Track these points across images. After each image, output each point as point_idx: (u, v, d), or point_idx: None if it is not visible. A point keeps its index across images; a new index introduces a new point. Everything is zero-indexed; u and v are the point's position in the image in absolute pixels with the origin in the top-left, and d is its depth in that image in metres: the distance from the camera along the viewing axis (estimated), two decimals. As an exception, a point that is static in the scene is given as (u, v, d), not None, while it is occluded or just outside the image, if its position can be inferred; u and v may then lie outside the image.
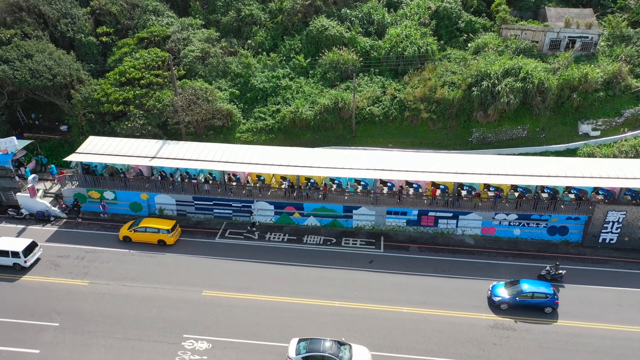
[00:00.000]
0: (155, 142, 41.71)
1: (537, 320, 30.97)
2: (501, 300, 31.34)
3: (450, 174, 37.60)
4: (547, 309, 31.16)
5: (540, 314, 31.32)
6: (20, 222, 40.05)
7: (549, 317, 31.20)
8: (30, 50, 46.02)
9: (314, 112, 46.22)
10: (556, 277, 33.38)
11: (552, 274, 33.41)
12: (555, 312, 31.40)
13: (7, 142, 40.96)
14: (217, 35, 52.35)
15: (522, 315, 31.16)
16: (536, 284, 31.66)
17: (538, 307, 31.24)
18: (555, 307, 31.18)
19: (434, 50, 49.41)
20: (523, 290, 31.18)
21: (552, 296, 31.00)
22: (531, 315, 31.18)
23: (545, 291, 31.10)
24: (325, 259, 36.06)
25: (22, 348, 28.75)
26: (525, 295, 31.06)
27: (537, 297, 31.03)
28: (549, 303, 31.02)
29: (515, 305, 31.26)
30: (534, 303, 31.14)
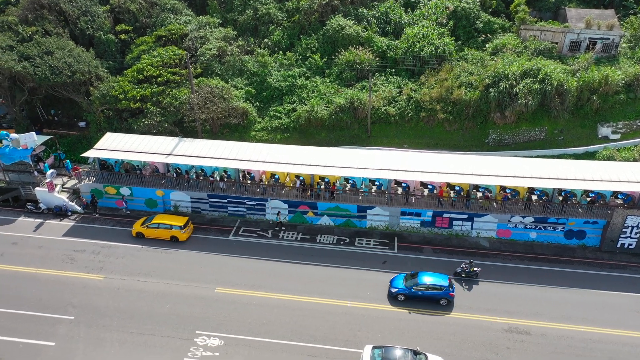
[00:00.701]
0: (171, 140, 42.02)
1: (434, 312, 31.18)
2: (398, 292, 31.78)
3: (465, 176, 37.24)
4: (443, 301, 31.51)
5: (435, 305, 31.58)
6: (39, 217, 40.64)
7: (444, 309, 31.36)
8: (50, 47, 46.70)
9: (330, 111, 46.18)
10: (471, 275, 33.66)
11: (467, 272, 33.66)
12: (450, 304, 31.65)
13: (26, 138, 41.62)
14: (234, 34, 52.62)
15: (418, 307, 31.42)
16: (433, 276, 31.93)
17: (433, 299, 31.58)
18: (450, 299, 31.47)
19: (451, 51, 49.06)
20: (419, 281, 31.57)
21: (446, 288, 31.29)
22: (427, 307, 31.47)
23: (441, 284, 31.40)
24: (339, 258, 35.96)
25: (38, 340, 29.15)
26: (420, 286, 31.42)
27: (432, 289, 31.37)
28: (443, 295, 31.33)
29: (411, 296, 31.62)
30: (429, 295, 31.47)
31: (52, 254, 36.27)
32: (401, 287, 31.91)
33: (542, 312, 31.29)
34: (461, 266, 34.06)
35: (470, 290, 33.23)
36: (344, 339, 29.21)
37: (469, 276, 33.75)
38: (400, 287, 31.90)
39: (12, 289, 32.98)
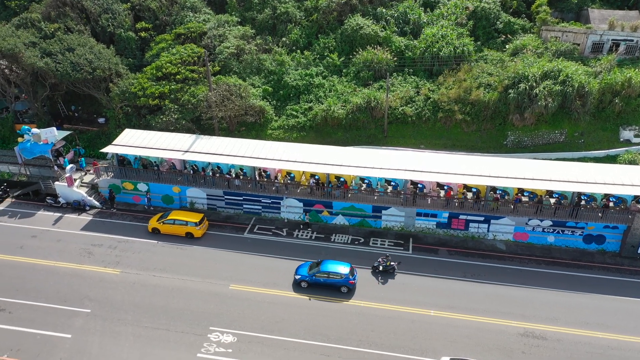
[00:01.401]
0: (189, 137, 42.33)
1: (335, 299, 31.88)
2: (301, 279, 32.57)
3: (483, 177, 36.82)
4: (343, 288, 32.24)
5: (336, 293, 32.25)
6: (58, 210, 41.26)
7: (344, 297, 32.08)
8: (72, 44, 47.36)
9: (346, 110, 46.07)
10: (388, 269, 34.09)
11: (384, 265, 34.03)
12: (351, 292, 32.30)
13: (47, 133, 42.27)
14: (253, 32, 52.79)
15: (320, 294, 32.13)
16: (335, 264, 32.67)
17: (334, 287, 32.25)
18: (351, 287, 32.15)
19: (470, 51, 48.58)
20: (321, 269, 32.29)
21: (346, 276, 31.94)
22: (329, 294, 32.18)
23: (340, 272, 32.06)
24: (353, 258, 35.81)
25: (55, 332, 29.60)
26: (322, 274, 32.16)
27: (333, 276, 32.07)
28: (343, 283, 32.03)
29: (313, 283, 32.37)
30: (329, 282, 32.16)
31: (70, 247, 36.80)
32: (304, 274, 32.72)
33: (559, 317, 30.80)
34: (378, 260, 34.47)
35: (385, 283, 33.51)
36: (357, 339, 29.11)
37: (386, 270, 34.16)
38: (303, 275, 32.71)
39: (30, 281, 33.55)
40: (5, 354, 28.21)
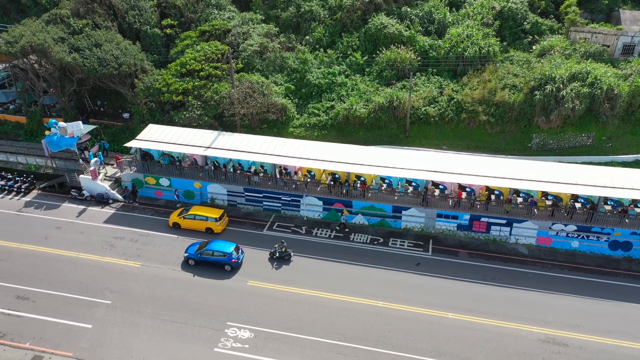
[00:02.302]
0: (211, 133, 42.65)
1: (217, 276, 33.50)
2: (188, 257, 34.34)
3: (506, 180, 36.23)
4: (227, 267, 33.88)
5: (220, 271, 33.97)
6: (82, 203, 42.01)
7: (228, 275, 33.66)
8: (99, 39, 48.15)
9: (368, 110, 45.83)
10: (284, 255, 34.94)
11: (280, 251, 34.99)
12: (235, 270, 34.00)
13: (73, 126, 43.09)
14: (276, 30, 52.91)
15: (206, 272, 33.86)
16: (220, 244, 34.33)
17: (218, 265, 33.94)
18: (234, 265, 33.84)
19: (495, 52, 47.84)
20: (206, 248, 33.95)
21: (229, 255, 33.58)
22: (213, 272, 33.90)
23: (224, 250, 33.77)
24: (371, 258, 35.65)
25: (76, 322, 30.15)
26: (206, 252, 33.82)
27: (217, 255, 33.72)
28: (226, 261, 33.67)
29: (199, 261, 34.08)
30: (213, 260, 33.85)
31: (93, 239, 37.43)
32: (192, 253, 34.39)
33: (582, 324, 30.10)
34: (274, 246, 35.37)
35: (279, 268, 34.40)
36: (374, 339, 28.93)
37: (281, 256, 35.07)
38: (191, 253, 34.42)
39: (54, 271, 34.24)
40: (28, 342, 28.85)
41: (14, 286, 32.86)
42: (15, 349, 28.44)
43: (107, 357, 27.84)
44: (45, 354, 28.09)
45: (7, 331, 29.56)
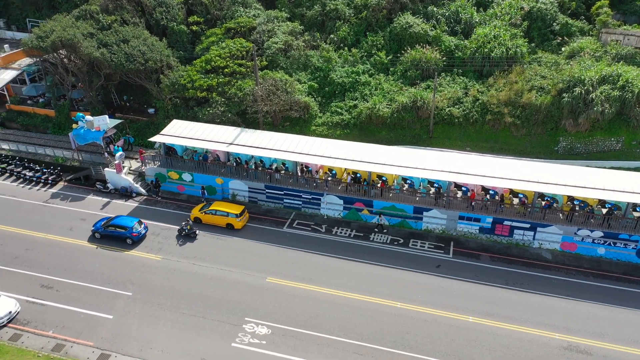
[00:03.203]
0: (234, 129, 42.90)
1: (120, 249, 36.05)
2: (94, 230, 36.86)
3: (531, 183, 35.56)
4: (128, 240, 36.27)
5: (122, 243, 36.34)
6: (106, 196, 42.70)
7: (128, 247, 36.24)
8: (127, 35, 48.88)
9: (392, 109, 45.50)
10: (190, 233, 37.20)
11: (186, 230, 37.19)
12: (136, 244, 36.36)
13: (100, 120, 43.86)
14: (301, 28, 52.93)
15: (111, 244, 36.43)
16: (123, 219, 36.98)
17: (120, 238, 36.39)
18: (135, 239, 36.21)
19: (523, 53, 46.98)
20: (111, 222, 36.44)
21: (130, 229, 35.97)
22: (116, 244, 36.42)
23: (125, 224, 36.17)
24: (391, 258, 35.37)
25: (98, 312, 30.65)
26: (110, 226, 36.36)
27: (119, 229, 36.18)
28: (127, 235, 36.07)
29: (104, 234, 36.59)
30: (116, 234, 36.35)
31: (116, 232, 38.01)
32: (98, 227, 36.85)
33: (606, 333, 29.32)
34: (182, 224, 37.66)
35: (182, 245, 36.49)
36: (392, 340, 28.69)
37: (188, 235, 37.28)
38: (97, 227, 36.85)
39: (78, 261, 34.89)
40: (51, 330, 29.44)
41: (39, 275, 33.58)
42: (38, 337, 29.05)
43: (126, 348, 28.23)
44: (67, 343, 28.62)
45: (32, 319, 30.22)
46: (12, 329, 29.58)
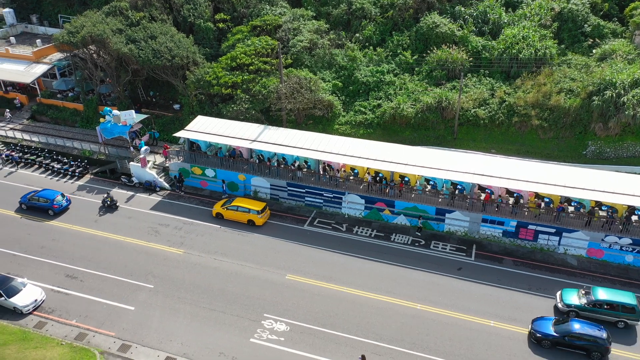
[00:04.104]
0: (257, 127, 43.10)
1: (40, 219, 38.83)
2: (21, 201, 40.09)
3: (557, 187, 34.81)
4: (50, 211, 39.28)
5: (46, 214, 39.39)
6: (130, 189, 43.36)
7: (50, 218, 39.16)
8: (155, 32, 49.54)
9: (416, 109, 45.10)
10: (112, 205, 40.48)
11: (108, 202, 40.34)
12: (58, 215, 39.58)
13: (126, 115, 44.55)
14: (327, 27, 52.87)
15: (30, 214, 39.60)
16: (47, 192, 40.17)
17: (44, 209, 39.45)
18: (56, 210, 39.26)
19: (552, 54, 46.04)
20: (35, 195, 39.86)
21: (51, 202, 39.13)
22: (40, 215, 39.62)
23: (48, 197, 39.44)
24: (412, 259, 35.06)
25: (120, 303, 31.13)
26: (34, 199, 39.64)
27: (42, 201, 39.36)
28: (49, 206, 39.18)
29: (29, 205, 39.80)
30: (39, 205, 39.40)
31: (139, 225, 38.56)
32: (24, 199, 39.98)
33: (637, 343, 28.49)
34: (104, 196, 40.77)
35: (103, 215, 39.34)
36: (410, 342, 28.43)
37: (110, 206, 40.31)
38: (23, 199, 40.00)
39: (102, 253, 35.50)
40: (74, 319, 30.03)
41: (64, 265, 34.29)
42: (62, 325, 29.65)
43: (147, 339, 28.60)
44: (90, 332, 29.14)
45: (56, 307, 30.87)
46: (37, 316, 30.27)
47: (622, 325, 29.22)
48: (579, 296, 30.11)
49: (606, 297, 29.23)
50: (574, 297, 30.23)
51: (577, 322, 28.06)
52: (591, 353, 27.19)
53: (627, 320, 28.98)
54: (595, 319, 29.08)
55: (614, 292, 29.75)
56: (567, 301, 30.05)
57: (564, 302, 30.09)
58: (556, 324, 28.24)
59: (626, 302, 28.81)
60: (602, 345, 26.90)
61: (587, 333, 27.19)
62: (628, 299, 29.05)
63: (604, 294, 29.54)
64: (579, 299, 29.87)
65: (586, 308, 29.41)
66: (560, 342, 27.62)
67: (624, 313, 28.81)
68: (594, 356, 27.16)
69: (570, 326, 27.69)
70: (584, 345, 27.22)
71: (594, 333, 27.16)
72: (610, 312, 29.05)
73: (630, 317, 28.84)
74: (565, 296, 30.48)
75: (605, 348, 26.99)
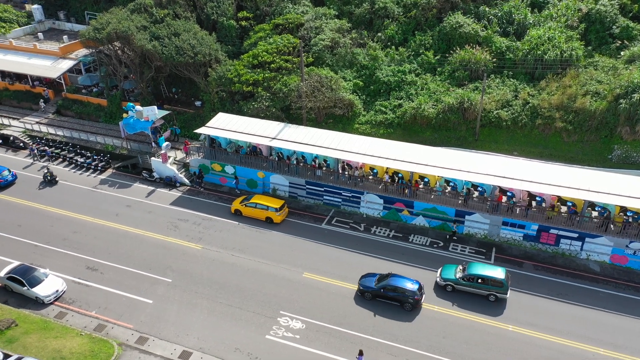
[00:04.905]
0: (277, 124, 43.19)
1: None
2: None
3: (581, 191, 34.11)
4: None
5: None
6: (151, 184, 43.88)
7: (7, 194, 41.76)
8: (178, 29, 50.01)
9: (437, 110, 44.66)
10: (52, 180, 43.03)
11: (49, 177, 42.88)
12: (3, 188, 42.26)
13: (149, 111, 45.08)
14: (349, 26, 52.73)
15: None
16: None
17: None
18: (2, 185, 42.04)
19: (579, 56, 45.11)
20: None
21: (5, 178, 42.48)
22: None
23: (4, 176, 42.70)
24: (430, 261, 34.72)
25: (139, 296, 31.51)
26: None
27: None
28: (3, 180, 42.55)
29: None
30: None
31: (159, 219, 38.99)
32: None
33: (657, 352, 27.82)
34: (44, 172, 43.04)
35: (42, 189, 42.25)
36: (427, 344, 28.17)
37: (50, 181, 42.90)
38: None
39: (122, 246, 35.97)
40: (94, 310, 30.49)
41: (85, 257, 34.85)
42: (82, 316, 30.14)
43: (164, 333, 28.88)
44: (109, 324, 29.55)
45: (77, 298, 31.39)
46: (58, 307, 30.82)
47: (493, 299, 30.97)
48: (456, 272, 31.98)
49: (477, 272, 31.10)
50: (451, 272, 32.09)
51: (395, 277, 31.02)
52: (404, 304, 30.24)
53: (497, 294, 30.81)
54: (470, 293, 31.33)
55: (487, 267, 31.84)
56: (444, 276, 31.96)
57: (442, 277, 32.00)
58: (379, 280, 31.06)
59: (495, 276, 30.72)
60: (411, 296, 29.89)
61: (399, 285, 30.23)
62: (497, 273, 30.99)
63: (476, 268, 31.47)
64: (456, 274, 31.73)
65: (460, 282, 31.37)
66: (378, 294, 30.76)
67: (494, 287, 30.68)
68: (406, 307, 30.22)
69: (388, 281, 30.60)
70: (396, 296, 30.28)
71: (405, 286, 30.20)
72: (481, 286, 30.93)
73: (499, 291, 30.72)
74: (444, 272, 32.34)
75: (415, 299, 29.97)
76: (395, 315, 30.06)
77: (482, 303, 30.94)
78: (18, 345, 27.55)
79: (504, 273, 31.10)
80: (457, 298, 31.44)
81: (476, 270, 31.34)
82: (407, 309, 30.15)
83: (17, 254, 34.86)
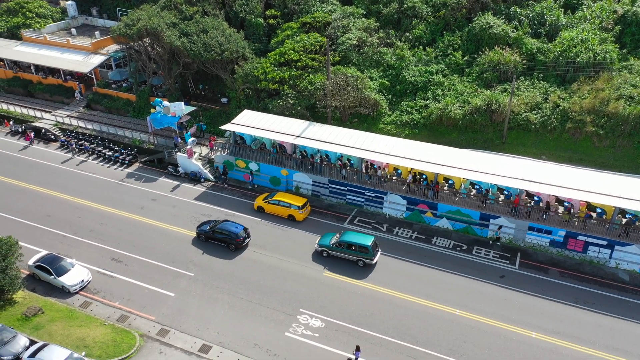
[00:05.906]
0: (302, 122, 43.22)
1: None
2: None
3: (611, 197, 33.18)
4: None
5: None
6: (176, 179, 44.43)
7: None
8: (207, 26, 50.52)
9: (464, 111, 44.05)
10: None
11: None
12: None
13: (176, 106, 45.66)
14: (376, 25, 52.43)
15: None
16: None
17: None
18: None
19: (613, 59, 43.90)
20: None
21: None
22: None
23: None
24: (452, 264, 34.28)
25: (161, 289, 31.93)
26: None
27: None
28: None
29: None
30: None
31: (183, 214, 39.45)
32: None
33: (687, 366, 26.87)
34: None
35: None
36: (447, 347, 27.81)
37: None
38: None
39: (146, 239, 36.51)
40: (118, 301, 31.02)
41: (111, 249, 35.48)
42: (105, 306, 30.69)
43: (185, 326, 29.20)
44: (131, 315, 30.03)
45: (101, 289, 31.99)
46: (83, 296, 31.45)
47: (361, 264, 33.62)
48: (332, 239, 34.74)
49: (348, 239, 33.77)
50: (328, 239, 34.82)
51: (225, 222, 36.16)
52: (229, 244, 35.15)
53: (364, 259, 33.49)
54: (342, 258, 34.17)
55: (357, 235, 34.45)
56: (320, 242, 34.85)
57: (319, 243, 34.84)
58: (212, 226, 35.83)
59: (361, 242, 33.34)
60: (233, 238, 34.76)
61: (224, 228, 35.24)
62: (364, 240, 33.59)
63: (348, 236, 34.18)
64: (330, 241, 34.46)
65: (332, 247, 34.16)
66: (210, 237, 35.67)
67: (361, 253, 33.38)
68: (230, 247, 35.11)
69: (217, 225, 35.72)
70: (223, 238, 35.18)
71: (230, 229, 35.18)
72: (350, 252, 33.67)
73: (365, 257, 33.40)
74: (322, 239, 35.13)
75: (237, 241, 34.79)
76: (415, 317, 29.79)
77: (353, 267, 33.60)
78: (44, 332, 28.23)
79: (372, 241, 33.63)
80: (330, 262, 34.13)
81: (347, 237, 34.01)
82: (231, 249, 35.07)
83: (46, 243, 35.72)
